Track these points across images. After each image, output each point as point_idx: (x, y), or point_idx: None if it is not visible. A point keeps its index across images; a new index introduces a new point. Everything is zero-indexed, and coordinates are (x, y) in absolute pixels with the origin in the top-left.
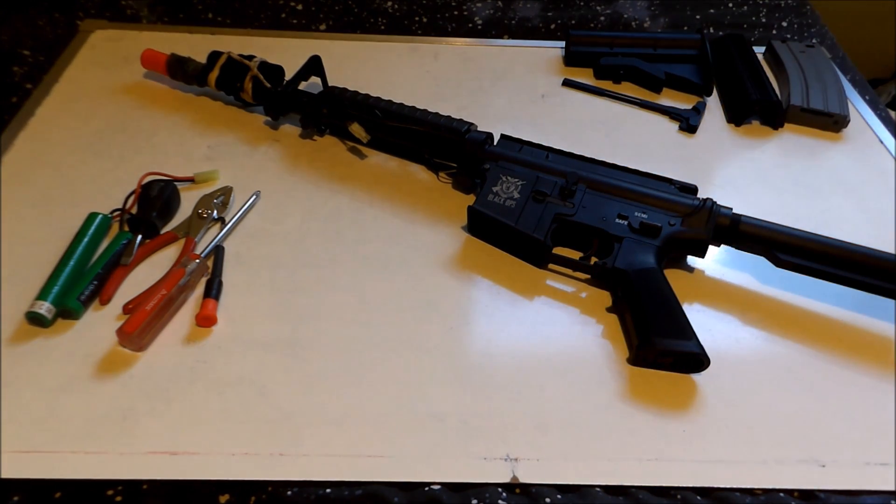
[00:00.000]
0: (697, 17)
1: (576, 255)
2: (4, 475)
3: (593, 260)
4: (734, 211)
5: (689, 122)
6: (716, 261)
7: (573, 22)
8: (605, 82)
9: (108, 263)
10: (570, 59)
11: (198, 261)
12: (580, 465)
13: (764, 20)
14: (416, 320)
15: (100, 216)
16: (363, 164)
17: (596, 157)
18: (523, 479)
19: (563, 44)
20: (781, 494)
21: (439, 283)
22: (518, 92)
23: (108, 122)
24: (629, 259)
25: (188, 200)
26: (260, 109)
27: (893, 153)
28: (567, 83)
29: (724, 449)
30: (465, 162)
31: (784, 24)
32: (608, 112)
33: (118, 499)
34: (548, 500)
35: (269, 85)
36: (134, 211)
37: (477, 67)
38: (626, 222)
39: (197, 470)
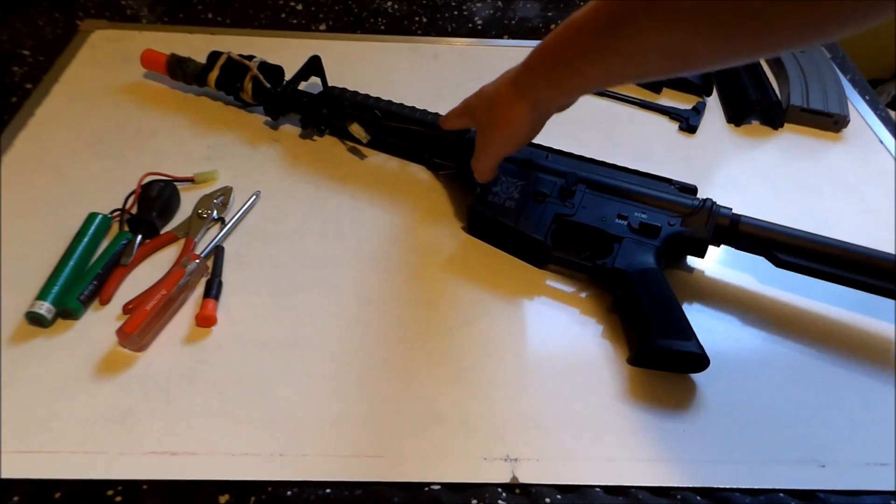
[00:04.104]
0: None
1: (576, 255)
2: (4, 475)
3: (593, 260)
4: (734, 211)
5: (689, 122)
6: (716, 261)
7: None
8: None
9: (108, 263)
10: None
11: (198, 261)
12: (580, 465)
13: None
14: (416, 320)
15: (100, 216)
16: (363, 164)
17: (596, 157)
18: (523, 479)
19: None
20: (781, 494)
21: (439, 283)
22: None
23: (108, 122)
24: (629, 259)
25: (188, 200)
26: (260, 109)
27: (893, 153)
28: None
29: (724, 449)
30: (465, 162)
31: None
32: (608, 112)
33: (118, 499)
34: (548, 500)
35: (269, 85)
36: (134, 211)
37: (477, 67)
38: (625, 222)
39: (197, 470)
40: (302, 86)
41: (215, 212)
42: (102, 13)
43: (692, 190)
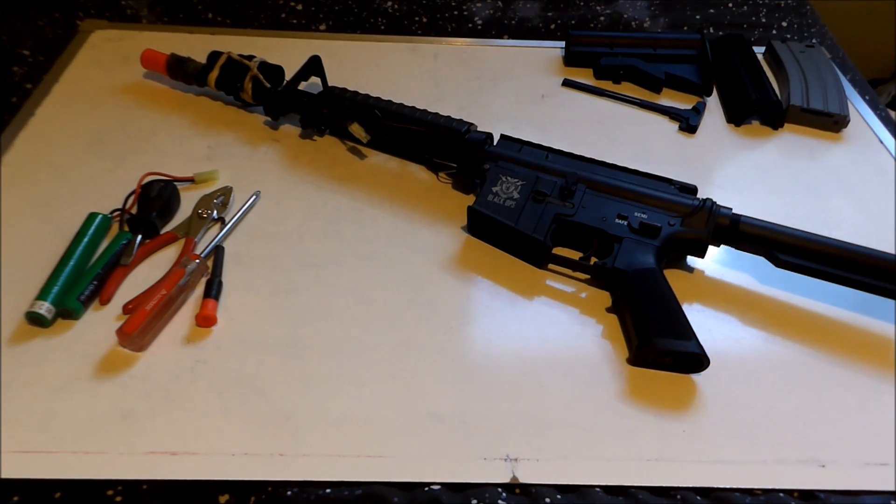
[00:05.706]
0: (697, 17)
1: (576, 255)
2: (4, 475)
3: (593, 260)
4: (734, 211)
5: (689, 122)
6: (716, 261)
7: (573, 22)
8: (605, 82)
9: (108, 263)
10: (570, 59)
11: (198, 261)
12: (580, 465)
13: (764, 20)
14: (416, 320)
15: (100, 216)
16: (363, 164)
17: (596, 157)
18: (523, 479)
19: (563, 44)
20: (781, 494)
21: (439, 283)
22: (518, 92)
23: (108, 122)
24: (629, 259)
25: (188, 200)
26: (260, 109)
27: (893, 153)
28: (567, 83)
29: (724, 449)
30: (464, 162)
31: (784, 24)
32: (608, 112)
33: (118, 499)
34: (547, 500)
35: (269, 85)
36: (134, 211)
37: (477, 67)
38: (625, 222)
39: (197, 470)
40: (302, 86)
41: (215, 212)
42: (102, 13)
43: (692, 190)
